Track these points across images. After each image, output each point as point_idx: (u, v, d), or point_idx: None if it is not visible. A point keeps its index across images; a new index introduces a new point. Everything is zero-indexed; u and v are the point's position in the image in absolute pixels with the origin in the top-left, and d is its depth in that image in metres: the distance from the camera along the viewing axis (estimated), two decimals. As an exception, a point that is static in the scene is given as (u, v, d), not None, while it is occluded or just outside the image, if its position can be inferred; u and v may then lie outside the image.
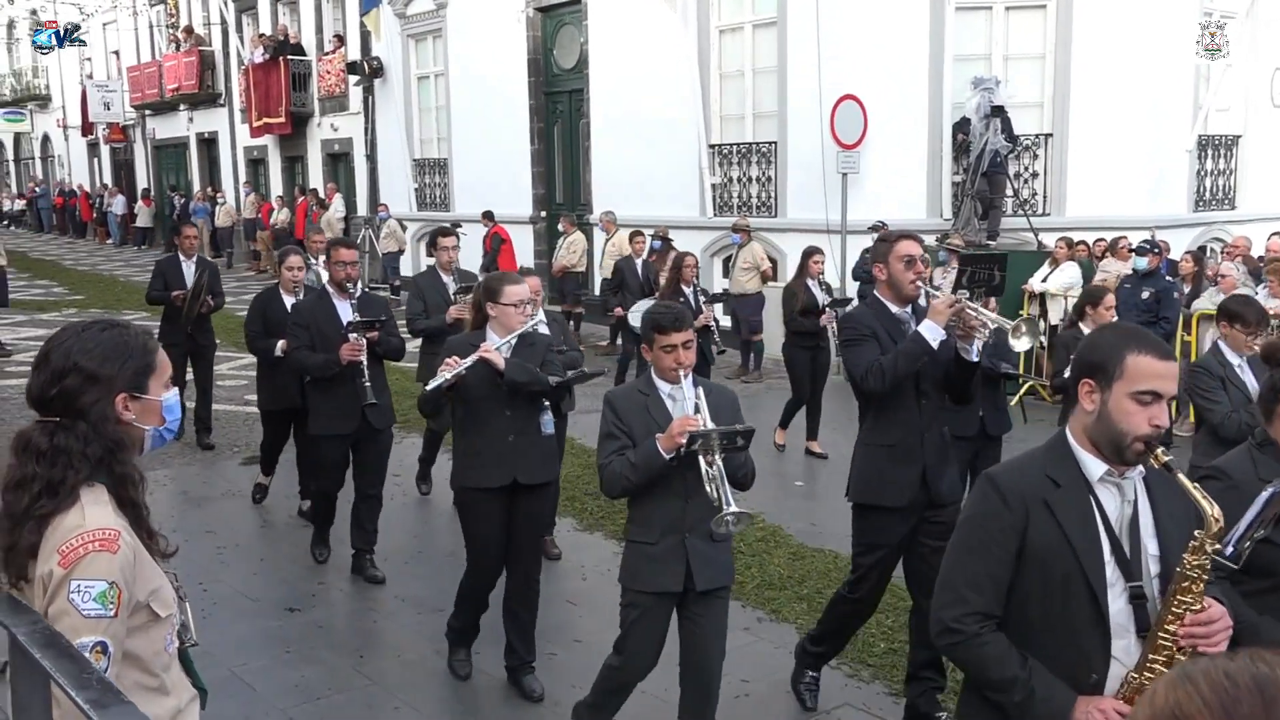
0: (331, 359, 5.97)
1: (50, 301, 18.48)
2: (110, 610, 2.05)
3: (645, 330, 3.89)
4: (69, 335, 2.24)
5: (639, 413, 3.89)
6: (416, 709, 4.81)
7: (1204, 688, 1.05)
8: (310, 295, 6.62)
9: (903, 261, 4.45)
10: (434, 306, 7.19)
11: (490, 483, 4.72)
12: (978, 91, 12.37)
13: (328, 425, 6.17)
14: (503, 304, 4.71)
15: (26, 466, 2.14)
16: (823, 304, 9.00)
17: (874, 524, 4.51)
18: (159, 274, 9.03)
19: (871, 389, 4.35)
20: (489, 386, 4.65)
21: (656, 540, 3.89)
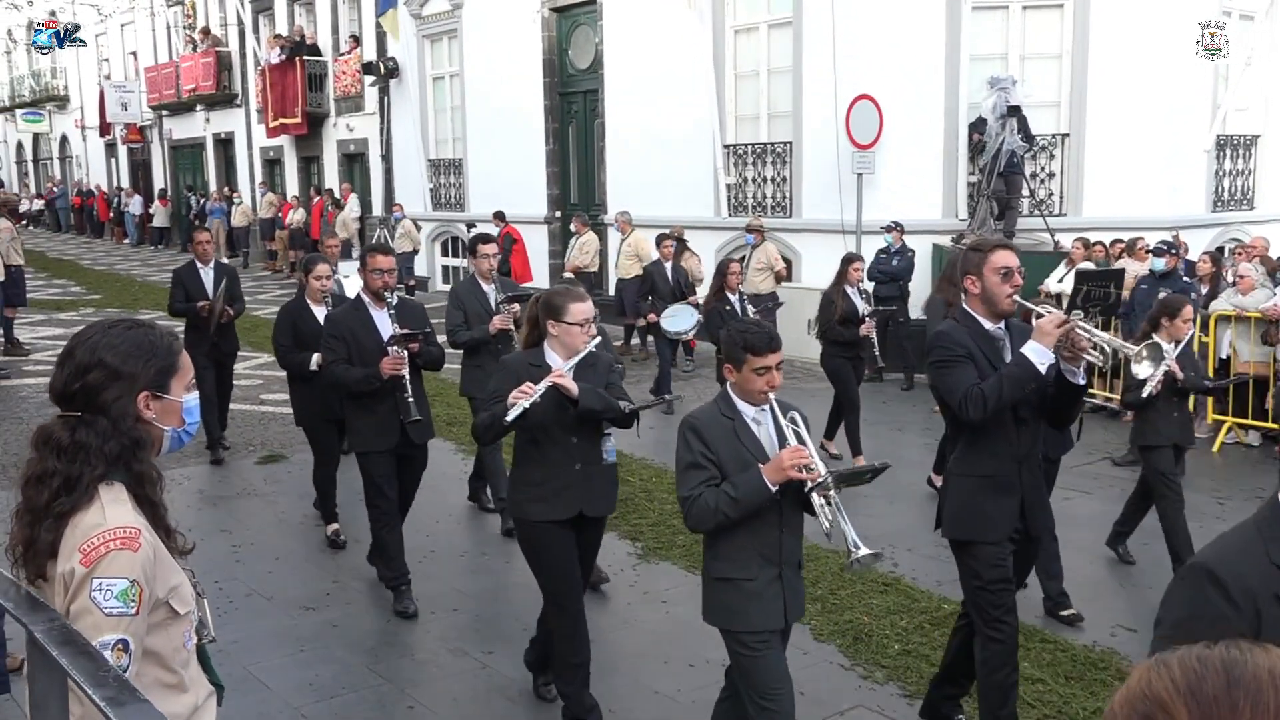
0: (372, 373, 5.65)
1: (68, 301, 18.61)
2: (132, 608, 2.06)
3: (733, 350, 3.60)
4: (95, 331, 2.26)
5: (726, 439, 3.59)
6: (429, 708, 4.81)
7: (1175, 669, 1.08)
8: (345, 305, 6.23)
9: (999, 273, 4.05)
10: (474, 317, 6.96)
11: (556, 515, 4.42)
12: (994, 91, 12.32)
13: (368, 442, 5.84)
14: (567, 322, 4.33)
15: (47, 461, 2.15)
16: (863, 312, 8.63)
17: (982, 558, 4.14)
18: (178, 284, 8.86)
19: (971, 418, 3.97)
20: (556, 413, 4.32)
21: (755, 575, 3.62)
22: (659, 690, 5.00)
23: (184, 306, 8.73)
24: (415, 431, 5.81)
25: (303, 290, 7.30)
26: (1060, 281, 11.32)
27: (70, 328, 15.38)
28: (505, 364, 4.56)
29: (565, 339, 4.35)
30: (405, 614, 5.77)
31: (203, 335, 8.62)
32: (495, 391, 4.37)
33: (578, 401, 4.24)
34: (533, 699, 4.88)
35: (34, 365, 12.83)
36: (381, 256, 5.90)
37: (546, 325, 4.39)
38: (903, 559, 6.64)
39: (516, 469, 4.56)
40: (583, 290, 4.66)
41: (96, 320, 2.36)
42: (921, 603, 5.91)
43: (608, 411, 4.38)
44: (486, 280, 7.14)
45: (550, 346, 4.40)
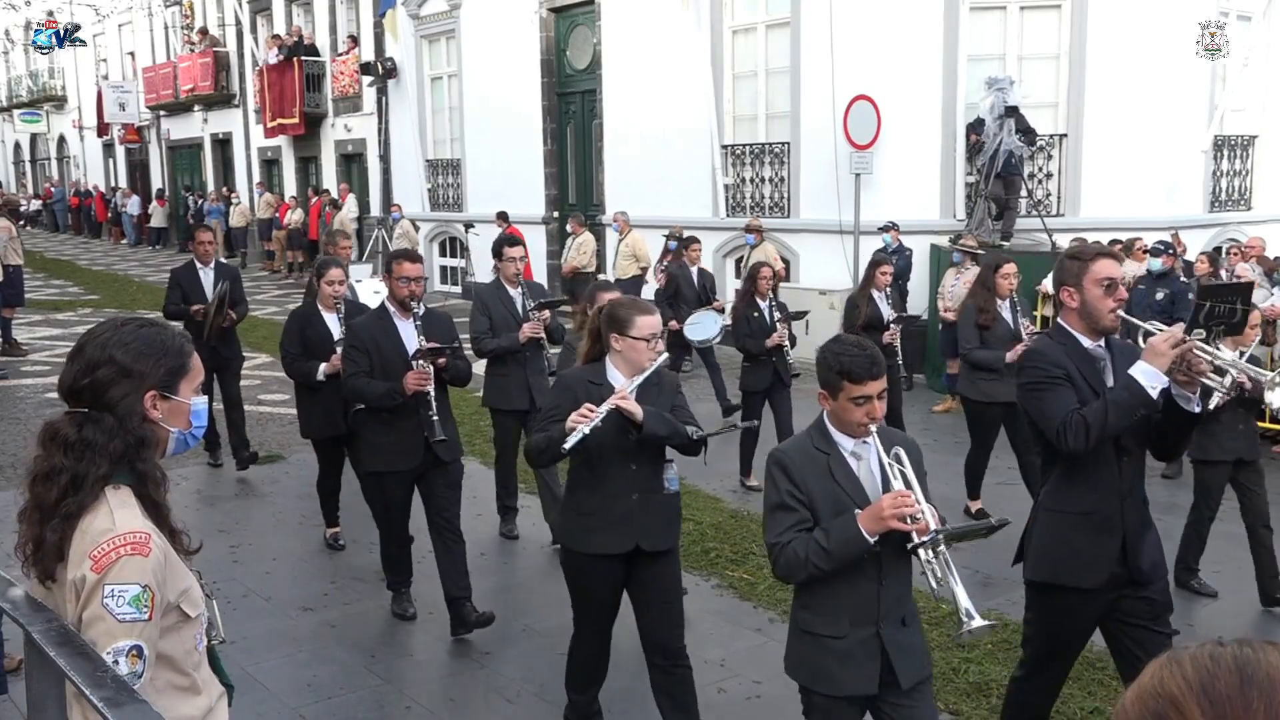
0: (395, 389, 5.27)
1: (65, 301, 18.59)
2: (144, 613, 2.06)
3: (827, 375, 3.19)
4: (106, 329, 2.27)
5: (819, 477, 3.18)
6: (428, 708, 4.81)
7: (1187, 667, 1.08)
8: (368, 314, 5.76)
9: (1101, 285, 3.66)
10: (500, 323, 6.64)
11: (610, 548, 4.05)
12: (992, 91, 12.33)
13: (387, 460, 5.44)
14: (632, 337, 3.99)
15: (54, 458, 2.15)
16: (888, 319, 8.36)
17: (1059, 607, 3.72)
18: (175, 285, 8.40)
19: (1071, 448, 3.51)
20: (616, 437, 3.95)
21: (845, 633, 3.20)
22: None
23: (177, 309, 8.29)
24: (443, 450, 5.44)
25: (313, 295, 6.95)
26: (1058, 282, 11.31)
27: (68, 328, 15.38)
28: (563, 380, 4.18)
29: (629, 355, 4.00)
30: (403, 616, 5.69)
31: (199, 341, 8.06)
32: (552, 409, 4.05)
33: (641, 426, 3.89)
34: (532, 699, 4.88)
35: (32, 365, 12.81)
36: (409, 264, 5.48)
37: (609, 339, 4.03)
38: (901, 559, 6.64)
39: (569, 494, 4.21)
40: (650, 302, 4.31)
41: (110, 317, 2.36)
42: (919, 603, 5.89)
43: (673, 437, 4.03)
44: (513, 285, 6.81)
45: (612, 362, 4.06)
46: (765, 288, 8.13)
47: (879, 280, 8.39)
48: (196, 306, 8.19)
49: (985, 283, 7.27)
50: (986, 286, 7.24)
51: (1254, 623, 5.84)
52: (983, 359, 7.14)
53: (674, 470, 4.20)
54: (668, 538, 4.18)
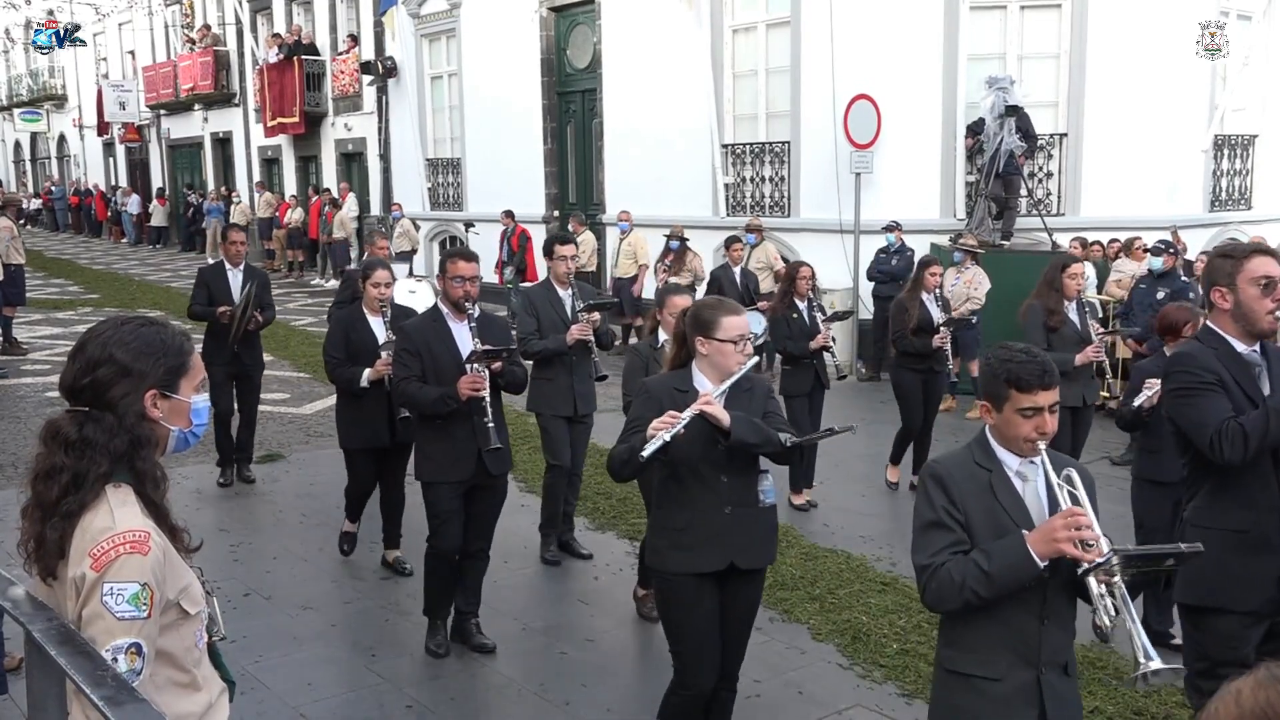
0: (449, 394, 5.02)
1: (65, 300, 18.60)
2: (144, 611, 2.07)
3: (992, 384, 2.88)
4: (107, 327, 2.27)
5: (979, 495, 2.86)
6: (428, 707, 4.82)
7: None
8: (421, 316, 5.52)
9: (1257, 285, 3.43)
10: (549, 324, 6.39)
11: (702, 567, 3.77)
12: (992, 91, 12.33)
13: (439, 471, 5.15)
14: (719, 339, 3.75)
15: (55, 456, 2.16)
16: (938, 322, 8.02)
17: (1219, 633, 3.48)
18: (202, 284, 8.07)
19: (1227, 459, 3.30)
20: (704, 446, 3.70)
21: (1002, 675, 2.85)
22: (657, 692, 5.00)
23: (204, 310, 7.98)
24: (493, 461, 5.14)
25: (355, 298, 6.72)
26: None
27: (68, 327, 15.38)
28: (647, 388, 3.93)
29: (716, 359, 3.76)
30: (436, 653, 5.27)
31: (222, 344, 7.92)
32: (635, 420, 3.80)
33: (729, 433, 3.62)
34: (532, 698, 4.88)
35: (32, 365, 12.81)
36: (464, 262, 5.20)
37: (695, 343, 3.80)
38: (901, 559, 6.64)
39: (658, 510, 3.95)
40: (736, 303, 4.01)
41: (110, 316, 2.37)
42: (919, 602, 5.91)
43: (765, 445, 3.73)
44: (563, 285, 6.53)
45: (699, 368, 3.83)
46: (805, 288, 7.78)
47: (928, 281, 8.09)
48: (223, 308, 7.88)
49: (1053, 283, 6.96)
50: (1054, 287, 6.94)
51: None
52: None
53: (769, 481, 3.92)
54: (764, 554, 3.91)
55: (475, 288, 5.20)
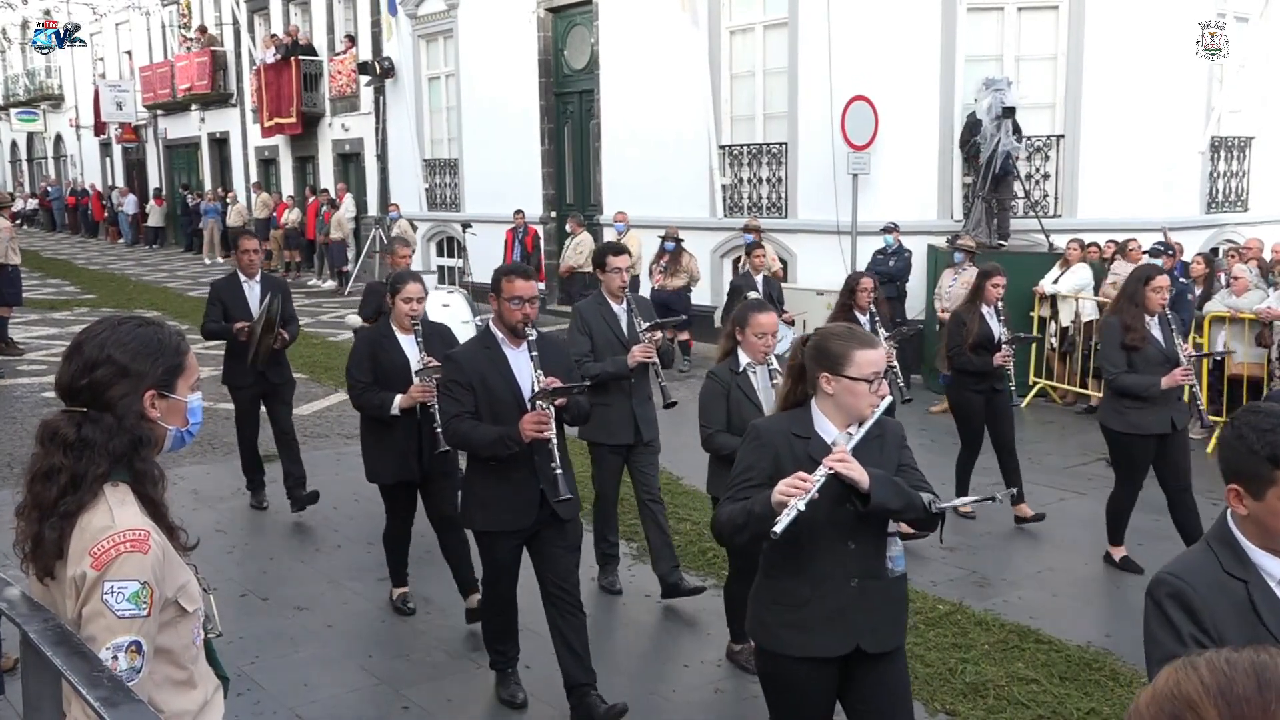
0: (509, 435, 4.35)
1: (62, 300, 18.58)
2: (144, 610, 2.09)
3: (1247, 461, 2.22)
4: (104, 328, 2.27)
5: (1237, 617, 2.22)
6: (425, 708, 4.81)
7: (1203, 671, 1.10)
8: (471, 343, 4.88)
9: None
10: (604, 345, 5.79)
11: (823, 650, 3.18)
12: (989, 92, 12.34)
13: (496, 519, 4.54)
14: (849, 377, 3.12)
15: (53, 457, 2.17)
16: (999, 337, 7.32)
17: None
18: (215, 300, 7.33)
19: None
20: (830, 507, 3.08)
21: None
22: (654, 691, 5.01)
23: (219, 327, 7.26)
24: (564, 509, 4.55)
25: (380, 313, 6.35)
26: (1055, 283, 11.34)
27: (65, 327, 15.36)
28: (759, 433, 3.28)
29: (845, 400, 3.15)
30: (512, 703, 4.78)
31: (244, 364, 7.21)
32: (746, 472, 3.21)
33: (868, 496, 3.02)
34: (530, 699, 4.87)
35: (29, 365, 12.80)
36: (520, 281, 4.53)
37: (819, 380, 3.18)
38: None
39: (767, 579, 3.31)
40: (868, 333, 3.42)
41: (106, 316, 2.37)
42: (916, 603, 5.91)
43: (907, 510, 3.13)
44: (617, 299, 5.92)
45: (821, 409, 3.20)
46: (865, 301, 7.09)
47: (989, 293, 7.32)
48: (240, 324, 7.18)
49: (1133, 296, 6.24)
50: (1135, 301, 6.23)
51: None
52: (1132, 385, 6.11)
53: (899, 547, 3.35)
54: (895, 633, 3.30)
55: (535, 309, 4.56)
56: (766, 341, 4.75)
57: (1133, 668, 5.11)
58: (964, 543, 6.97)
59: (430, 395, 5.35)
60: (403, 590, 5.91)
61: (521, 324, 4.50)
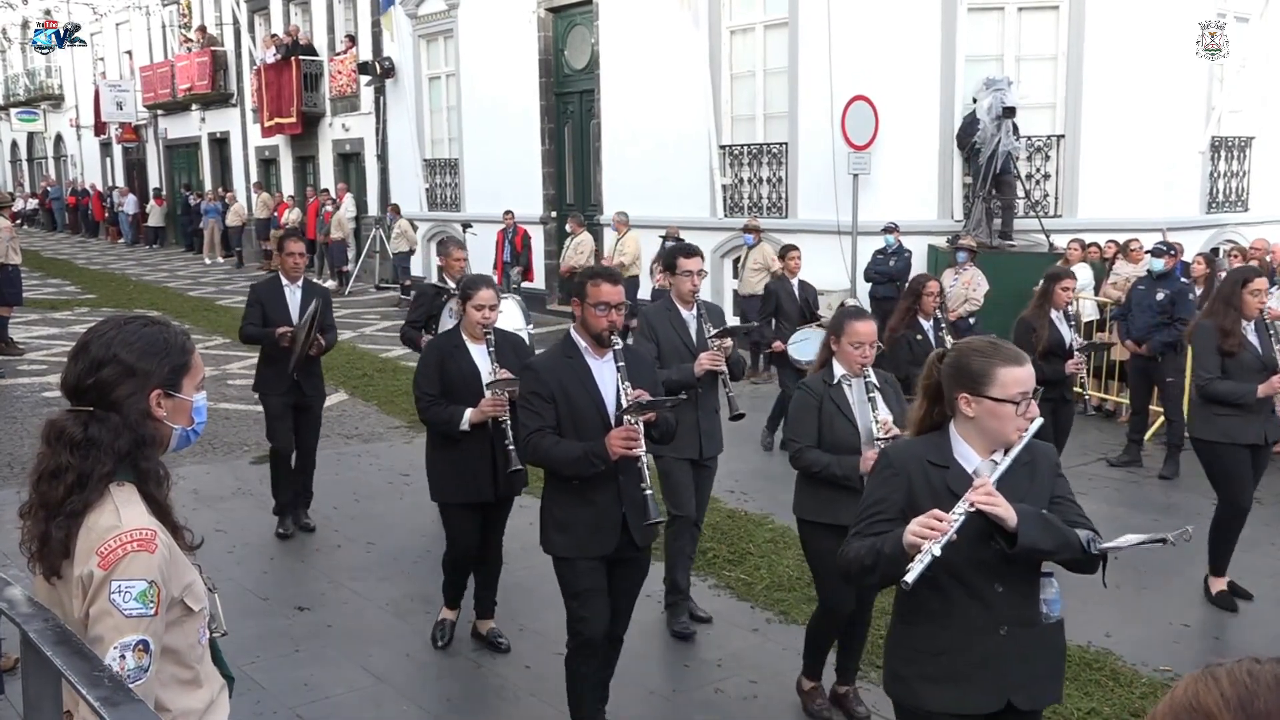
0: (595, 452, 3.98)
1: (62, 300, 18.58)
2: (151, 609, 2.09)
3: None
4: (110, 327, 2.28)
5: None
6: (425, 708, 4.81)
7: (1224, 683, 1.06)
8: (551, 351, 4.42)
9: None
10: (671, 351, 5.41)
11: (969, 707, 2.88)
12: (990, 92, 12.34)
13: (578, 544, 4.17)
14: (994, 398, 2.78)
15: (60, 456, 2.17)
16: (1071, 343, 6.95)
17: None
18: (255, 303, 7.00)
19: None
20: (973, 545, 2.75)
21: None
22: (655, 690, 5.01)
23: (259, 331, 6.92)
24: (645, 535, 4.20)
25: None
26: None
27: (65, 327, 15.36)
28: (891, 460, 2.96)
29: (989, 424, 2.81)
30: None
31: (281, 372, 6.89)
32: (876, 504, 2.90)
33: (1016, 536, 2.67)
34: (530, 699, 4.88)
35: (29, 365, 12.80)
36: (607, 284, 4.16)
37: (958, 401, 2.85)
38: (898, 559, 6.64)
39: (904, 625, 2.99)
40: (1015, 349, 2.94)
41: (111, 315, 2.37)
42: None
43: (1061, 551, 2.78)
44: (687, 304, 5.57)
45: (960, 434, 2.88)
46: (931, 306, 6.72)
47: (1059, 297, 6.94)
48: (283, 329, 6.81)
49: (1230, 299, 5.90)
50: (1232, 304, 5.88)
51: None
52: (1227, 392, 5.75)
53: (1055, 588, 2.96)
54: (1050, 688, 2.97)
55: (622, 316, 4.17)
56: (864, 352, 4.42)
57: (1133, 668, 5.11)
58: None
59: (503, 409, 5.03)
60: (452, 615, 5.52)
61: (608, 332, 4.12)
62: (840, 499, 4.30)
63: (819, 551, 4.48)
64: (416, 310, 7.22)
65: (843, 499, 4.24)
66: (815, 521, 4.52)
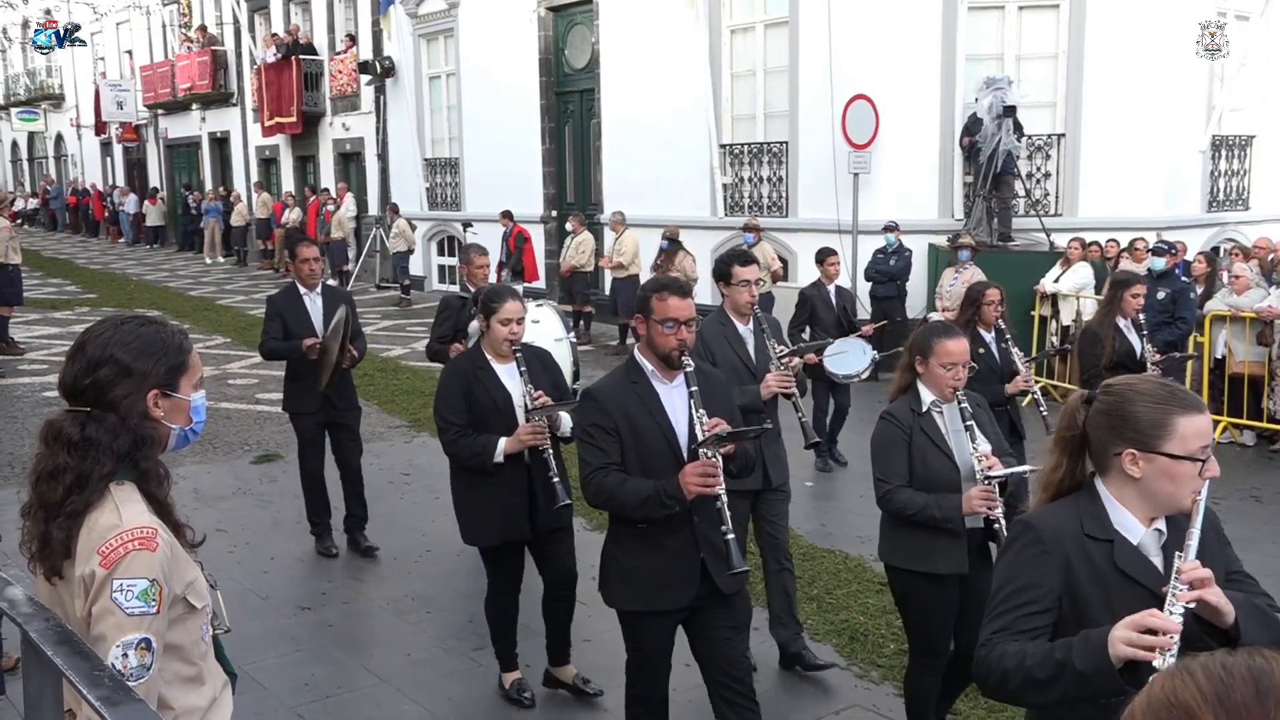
0: (667, 491, 3.48)
1: (63, 300, 18.58)
2: (153, 607, 2.10)
3: None
4: (107, 327, 2.28)
5: None
6: (425, 708, 4.81)
7: (1200, 677, 1.08)
8: (614, 376, 3.84)
9: None
10: (728, 372, 4.65)
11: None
12: (990, 91, 12.34)
13: (646, 597, 3.69)
14: (1169, 454, 2.22)
15: (58, 457, 2.17)
16: (1143, 354, 6.45)
17: None
18: (275, 316, 6.48)
19: None
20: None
21: None
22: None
23: (282, 346, 6.41)
24: (730, 584, 3.66)
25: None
26: (1056, 282, 11.34)
27: (65, 327, 15.36)
28: (1038, 533, 2.34)
29: (1161, 487, 2.26)
30: None
31: (309, 388, 6.43)
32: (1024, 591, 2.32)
33: (1234, 634, 2.16)
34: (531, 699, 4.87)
35: (29, 364, 12.80)
36: (675, 298, 3.64)
37: (1119, 457, 2.29)
38: (899, 558, 6.64)
39: None
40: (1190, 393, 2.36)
41: (108, 315, 2.37)
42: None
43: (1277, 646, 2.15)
44: (743, 318, 4.96)
45: (1118, 497, 2.32)
46: (992, 315, 6.08)
47: (1128, 304, 6.46)
48: (310, 341, 6.32)
49: None
50: None
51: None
52: None
53: None
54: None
55: (693, 333, 3.67)
56: (956, 374, 3.93)
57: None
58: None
59: (544, 438, 4.49)
60: (516, 677, 4.91)
61: (677, 352, 3.62)
62: (940, 544, 3.89)
63: (916, 601, 4.04)
64: (442, 324, 6.55)
65: (942, 544, 3.89)
66: (910, 570, 4.00)
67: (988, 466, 3.74)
